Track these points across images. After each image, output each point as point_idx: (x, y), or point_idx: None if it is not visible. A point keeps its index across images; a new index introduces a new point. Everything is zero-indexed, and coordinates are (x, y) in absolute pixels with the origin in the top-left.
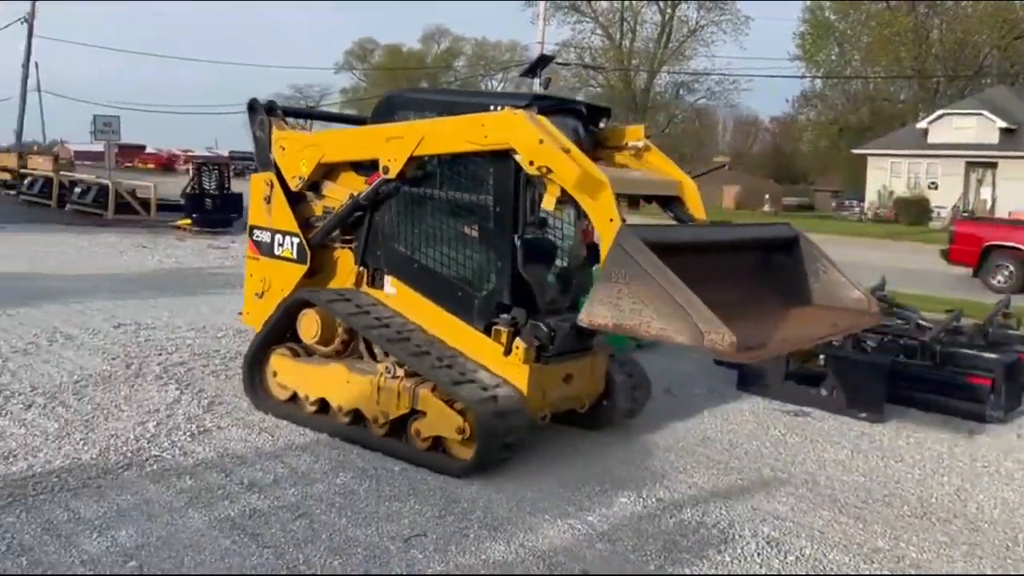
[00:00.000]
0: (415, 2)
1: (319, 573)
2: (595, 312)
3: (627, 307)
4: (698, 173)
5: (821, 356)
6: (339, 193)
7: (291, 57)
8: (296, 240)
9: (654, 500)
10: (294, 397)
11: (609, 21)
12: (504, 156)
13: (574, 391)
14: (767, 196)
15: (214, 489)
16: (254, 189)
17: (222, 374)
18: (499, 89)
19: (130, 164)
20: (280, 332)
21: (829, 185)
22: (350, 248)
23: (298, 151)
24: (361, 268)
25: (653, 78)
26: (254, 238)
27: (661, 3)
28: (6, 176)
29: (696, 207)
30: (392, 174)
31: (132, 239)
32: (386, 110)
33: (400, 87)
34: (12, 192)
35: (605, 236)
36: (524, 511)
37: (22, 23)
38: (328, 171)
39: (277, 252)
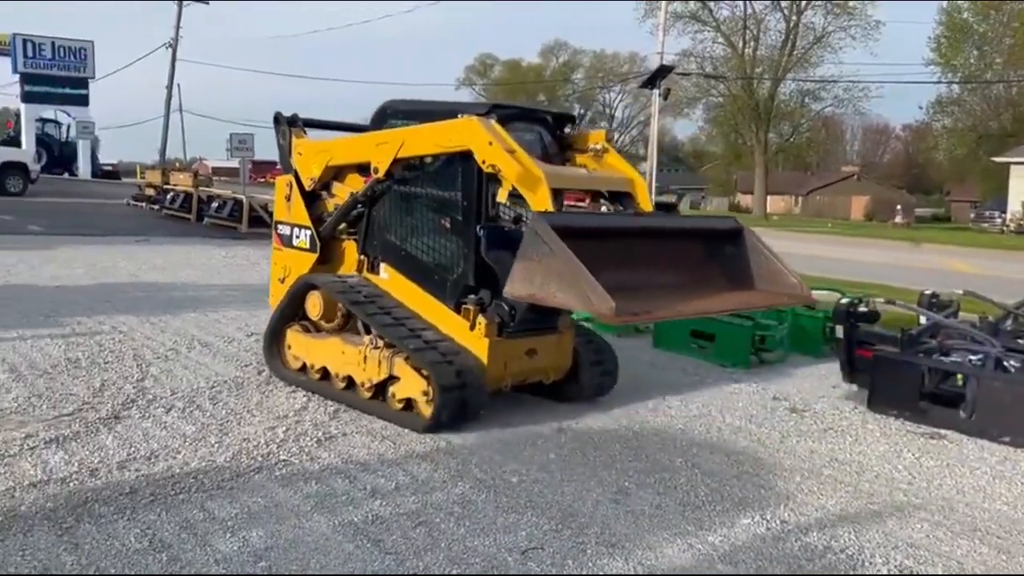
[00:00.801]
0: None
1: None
2: (515, 286)
3: (539, 281)
4: (823, 184)
5: (959, 376)
6: (344, 192)
7: (413, 74)
8: (309, 233)
9: (778, 522)
10: (304, 367)
11: (731, 29)
12: (467, 157)
13: (538, 364)
14: (899, 207)
15: (339, 494)
16: (278, 190)
17: None
18: (616, 100)
19: (263, 179)
20: (292, 311)
21: (966, 195)
22: (354, 239)
23: (312, 156)
24: (362, 256)
25: (777, 86)
26: (278, 231)
27: (785, 10)
28: (151, 192)
29: (644, 201)
30: (380, 174)
31: (264, 251)
32: (379, 119)
33: (518, 101)
34: (156, 207)
35: None
36: (642, 528)
37: (167, 48)
38: (336, 173)
39: (295, 243)
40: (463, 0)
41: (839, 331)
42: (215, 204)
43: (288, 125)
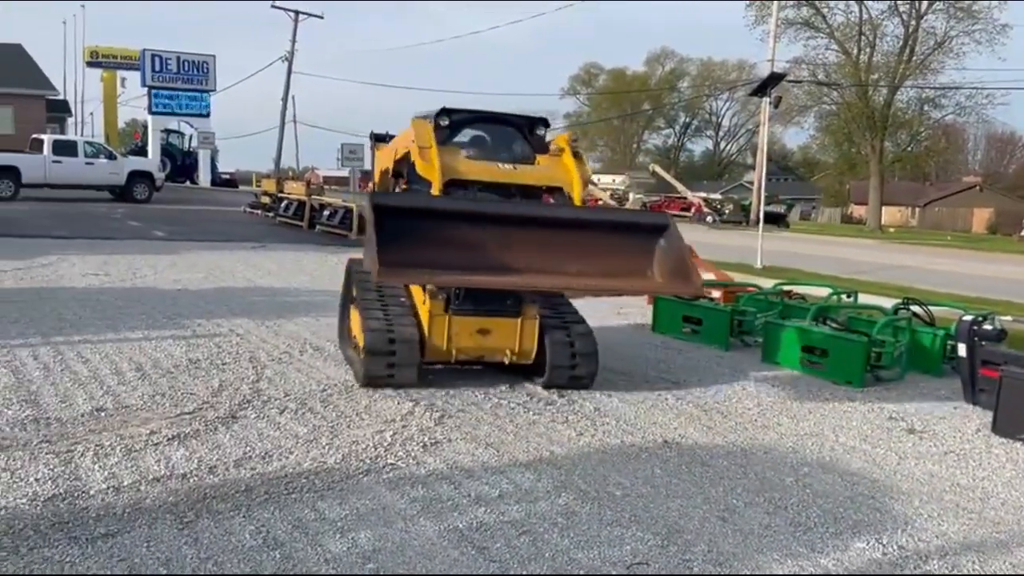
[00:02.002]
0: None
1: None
2: (364, 256)
3: (365, 250)
4: (942, 195)
5: None
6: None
7: (519, 84)
8: None
9: (895, 547)
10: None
11: (845, 36)
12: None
13: (491, 344)
14: None
15: (444, 500)
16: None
17: (451, 390)
18: (724, 109)
19: None
20: (348, 291)
21: None
22: None
23: (383, 156)
24: None
25: (894, 94)
26: None
27: (904, 15)
28: (267, 200)
29: (576, 197)
30: (390, 172)
31: None
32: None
33: (623, 110)
34: (270, 214)
35: None
36: (751, 548)
37: (283, 61)
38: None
39: None
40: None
41: (962, 349)
42: (327, 212)
43: (375, 141)
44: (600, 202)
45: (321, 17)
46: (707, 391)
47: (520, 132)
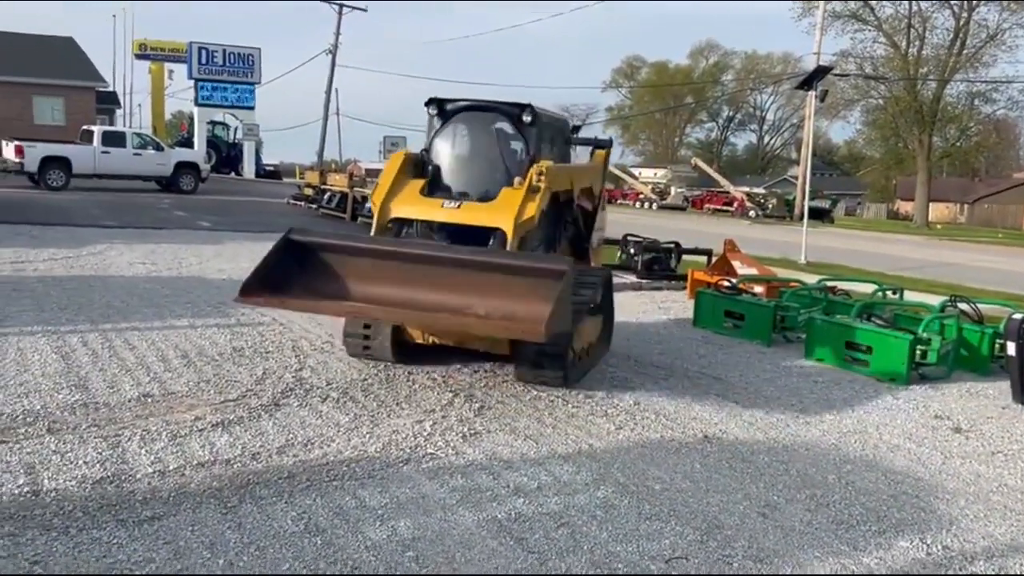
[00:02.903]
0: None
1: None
2: None
3: None
4: (992, 192)
5: None
6: None
7: (560, 77)
8: None
9: (940, 547)
10: None
11: (894, 28)
12: None
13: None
14: None
15: (483, 490)
16: None
17: (491, 382)
18: (768, 102)
19: None
20: None
21: None
22: None
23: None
24: None
25: (944, 88)
26: None
27: (955, 7)
28: (310, 191)
29: (509, 239)
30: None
31: None
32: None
33: (665, 103)
34: (313, 206)
35: None
36: (792, 545)
37: (326, 54)
38: None
39: None
40: (612, 1)
41: (1011, 348)
42: (368, 204)
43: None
44: (641, 195)
45: (365, 10)
46: (748, 386)
47: (509, 119)
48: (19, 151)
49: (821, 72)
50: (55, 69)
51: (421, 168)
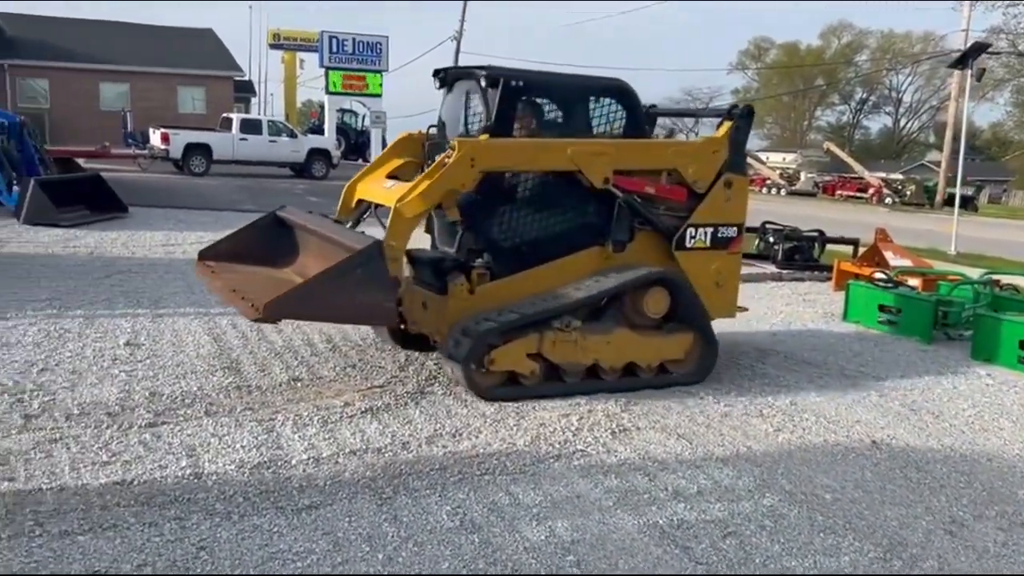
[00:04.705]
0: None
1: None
2: None
3: None
4: None
5: None
6: None
7: (685, 59)
8: None
9: None
10: None
11: None
12: None
13: (430, 319)
14: None
15: (640, 492)
16: None
17: None
18: (905, 84)
19: None
20: None
21: None
22: None
23: None
24: None
25: None
26: None
27: None
28: None
29: (391, 220)
30: None
31: None
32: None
33: (794, 86)
34: None
35: None
36: (987, 568)
37: (452, 40)
38: None
39: None
40: None
41: None
42: None
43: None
44: (768, 181)
45: None
46: (913, 388)
47: (480, 88)
48: (165, 138)
49: (977, 49)
50: (197, 60)
51: (421, 146)
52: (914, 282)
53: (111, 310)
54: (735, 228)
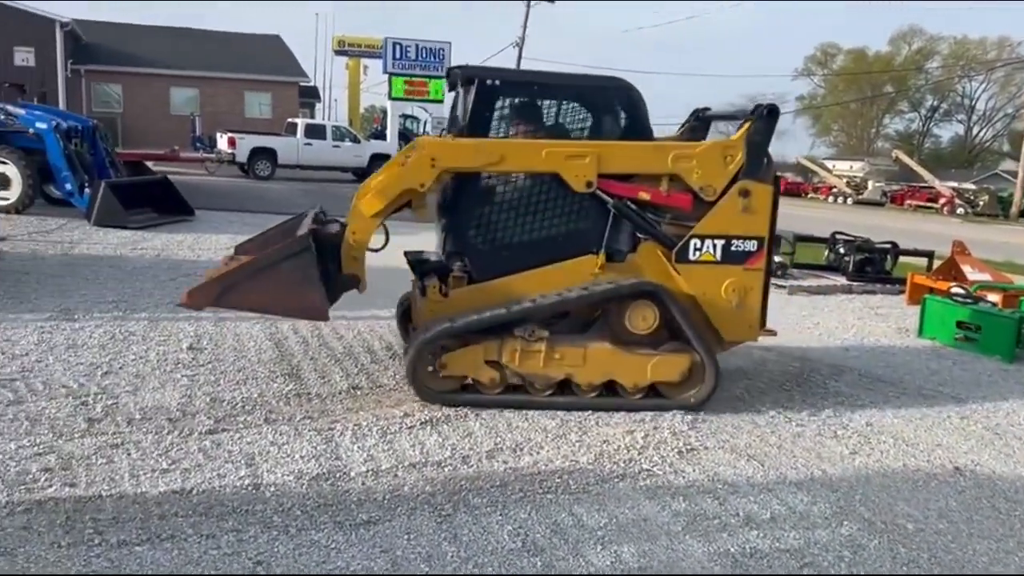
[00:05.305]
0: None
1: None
2: None
3: None
4: None
5: None
6: None
7: (748, 65)
8: None
9: None
10: None
11: None
12: None
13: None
14: None
15: (709, 517)
16: None
17: None
18: (979, 91)
19: None
20: None
21: None
22: None
23: None
24: None
25: None
26: None
27: None
28: None
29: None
30: None
31: None
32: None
33: (862, 93)
34: None
35: None
36: None
37: (513, 47)
38: None
39: None
40: None
41: None
42: None
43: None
44: (835, 189)
45: (552, 1)
46: (996, 410)
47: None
48: (232, 143)
49: None
50: (264, 66)
51: None
52: (994, 297)
53: (175, 313)
54: (754, 241)
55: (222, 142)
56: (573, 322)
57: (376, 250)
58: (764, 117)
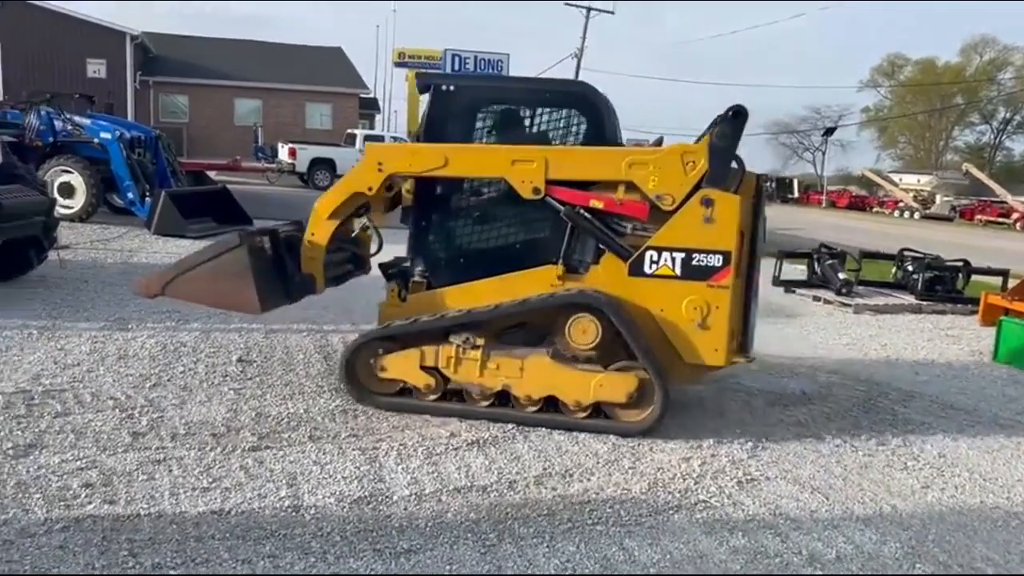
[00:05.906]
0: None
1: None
2: None
3: None
4: None
5: None
6: None
7: (810, 75)
8: None
9: None
10: None
11: None
12: None
13: None
14: None
15: (771, 555)
16: None
17: (765, 410)
18: None
19: None
20: None
21: None
22: None
23: None
24: None
25: None
26: None
27: None
28: None
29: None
30: None
31: None
32: None
33: (931, 104)
34: None
35: None
36: None
37: (572, 57)
38: None
39: None
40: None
41: None
42: None
43: None
44: (901, 203)
45: (612, 13)
46: None
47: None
48: (292, 153)
49: None
50: (325, 77)
51: None
52: None
53: (226, 324)
54: (719, 256)
55: (283, 152)
56: (530, 333)
57: (372, 254)
58: (729, 119)
